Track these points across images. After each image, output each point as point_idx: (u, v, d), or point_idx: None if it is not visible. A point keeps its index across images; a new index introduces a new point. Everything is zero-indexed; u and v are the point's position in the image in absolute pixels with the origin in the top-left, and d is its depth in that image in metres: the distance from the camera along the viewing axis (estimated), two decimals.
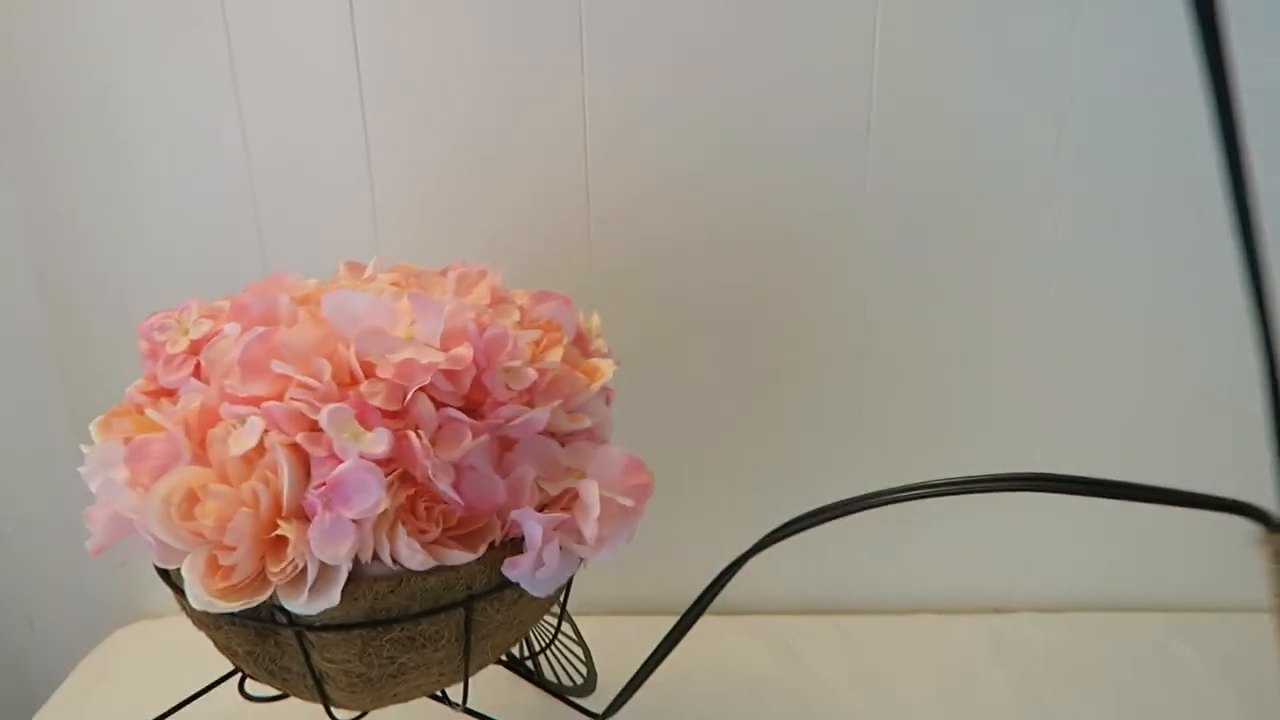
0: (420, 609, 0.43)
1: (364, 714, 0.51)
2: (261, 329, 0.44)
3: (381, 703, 0.48)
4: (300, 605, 0.41)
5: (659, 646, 0.44)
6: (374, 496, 0.40)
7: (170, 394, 0.49)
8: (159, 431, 0.45)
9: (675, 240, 0.74)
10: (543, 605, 0.49)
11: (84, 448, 0.47)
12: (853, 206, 0.71)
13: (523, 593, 0.46)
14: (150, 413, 0.44)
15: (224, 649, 0.47)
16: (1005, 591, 0.85)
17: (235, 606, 0.40)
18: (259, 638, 0.45)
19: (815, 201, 0.72)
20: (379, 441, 0.40)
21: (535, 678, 0.72)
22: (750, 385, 0.77)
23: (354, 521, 0.40)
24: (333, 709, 0.47)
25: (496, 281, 0.52)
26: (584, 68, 0.69)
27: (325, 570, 0.41)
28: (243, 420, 0.42)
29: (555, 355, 0.47)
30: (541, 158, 0.72)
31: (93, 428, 0.50)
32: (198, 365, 0.48)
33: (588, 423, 0.47)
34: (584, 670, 0.72)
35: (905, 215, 0.72)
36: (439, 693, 0.52)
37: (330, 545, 0.40)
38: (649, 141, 0.71)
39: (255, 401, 0.43)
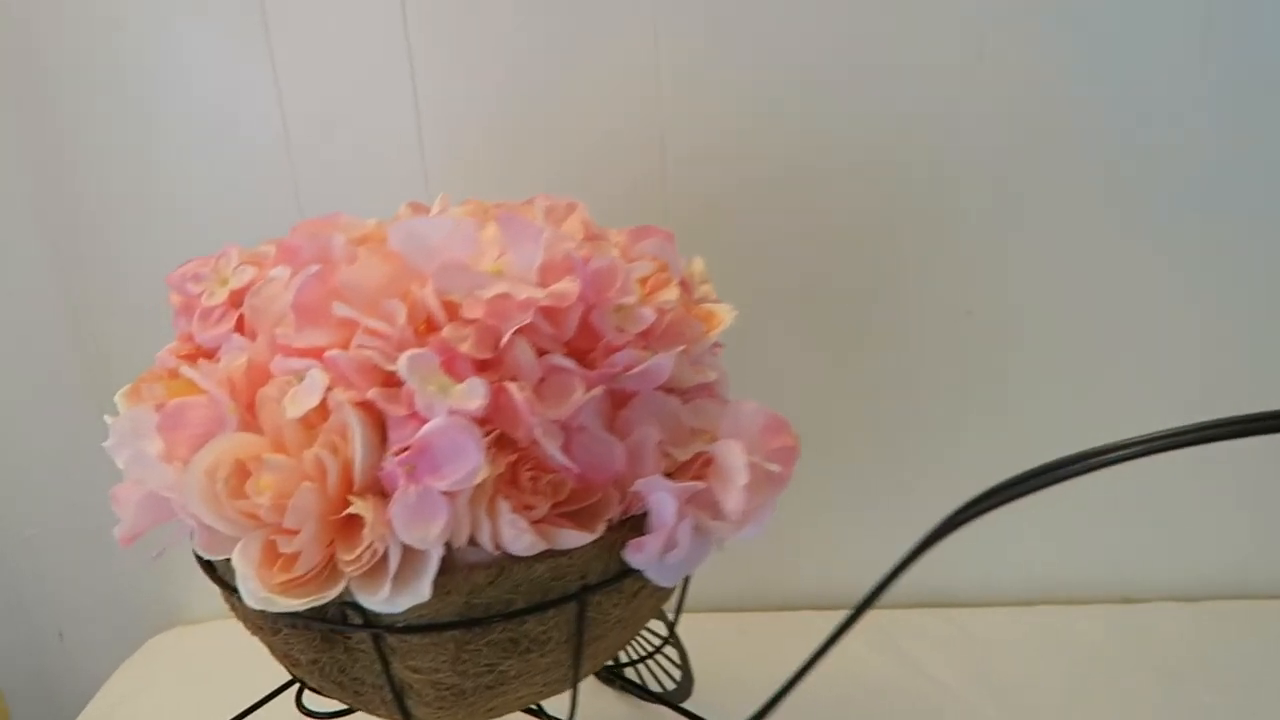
0: (525, 604, 0.35)
1: None
2: (317, 267, 0.36)
3: (477, 717, 0.39)
4: (380, 602, 0.32)
5: (823, 644, 0.36)
6: (471, 462, 0.31)
7: (209, 354, 0.41)
8: (197, 395, 0.37)
9: (757, 182, 0.65)
10: (662, 599, 0.41)
11: (108, 418, 0.39)
12: (954, 143, 0.62)
13: (644, 583, 0.38)
14: (186, 370, 0.36)
15: (282, 656, 0.39)
16: (1132, 579, 0.76)
17: (299, 604, 0.32)
18: (325, 643, 0.37)
19: (911, 139, 0.63)
20: (473, 394, 0.32)
21: (626, 684, 0.64)
22: (840, 344, 0.68)
23: (446, 495, 0.32)
24: None
25: (587, 215, 0.43)
26: None
27: (411, 557, 0.33)
28: (300, 376, 0.34)
29: (670, 293, 0.39)
30: (610, 97, 0.63)
31: (118, 398, 0.42)
32: (240, 319, 0.40)
33: (712, 375, 0.39)
34: (677, 675, 0.64)
35: (1017, 152, 0.62)
36: (534, 706, 0.43)
37: (418, 525, 0.32)
38: (728, 77, 0.63)
39: (315, 353, 0.35)
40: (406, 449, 0.32)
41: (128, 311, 0.70)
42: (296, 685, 0.48)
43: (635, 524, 0.37)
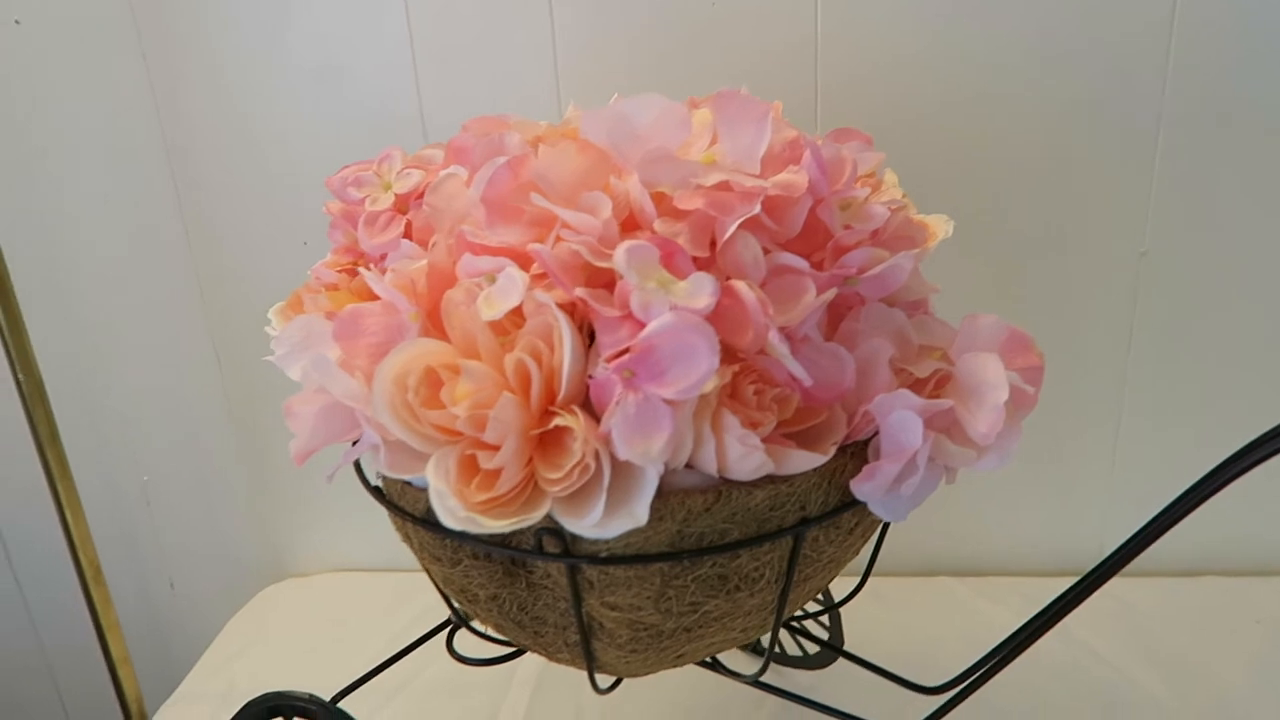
0: (741, 535, 0.31)
1: (619, 681, 0.39)
2: (506, 158, 0.32)
3: (660, 665, 0.36)
4: (589, 526, 0.29)
5: (1053, 607, 0.31)
6: (703, 366, 0.27)
7: (373, 264, 0.38)
8: (371, 303, 0.33)
9: (911, 114, 0.60)
10: (865, 539, 0.37)
11: (270, 329, 0.36)
12: (1130, 74, 0.56)
13: (861, 519, 0.34)
14: (364, 273, 0.33)
15: (458, 591, 0.35)
16: None
17: (503, 526, 0.28)
18: (508, 577, 0.34)
19: (1080, 74, 0.57)
20: (700, 290, 0.28)
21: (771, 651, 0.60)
22: (1004, 283, 0.63)
23: (669, 405, 0.28)
24: (595, 676, 0.36)
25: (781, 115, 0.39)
26: None
27: (623, 478, 0.29)
28: (492, 277, 0.31)
29: (894, 192, 0.34)
30: (762, 17, 0.59)
31: (273, 313, 0.39)
32: (408, 225, 0.37)
33: (938, 287, 0.34)
34: (822, 638, 0.60)
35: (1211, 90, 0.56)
36: (710, 659, 0.40)
37: (639, 438, 0.28)
38: (884, 2, 0.58)
39: (508, 253, 0.31)
40: (624, 352, 0.28)
41: (245, 246, 0.68)
42: (449, 628, 0.45)
43: (858, 451, 0.32)
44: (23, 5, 0.62)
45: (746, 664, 0.63)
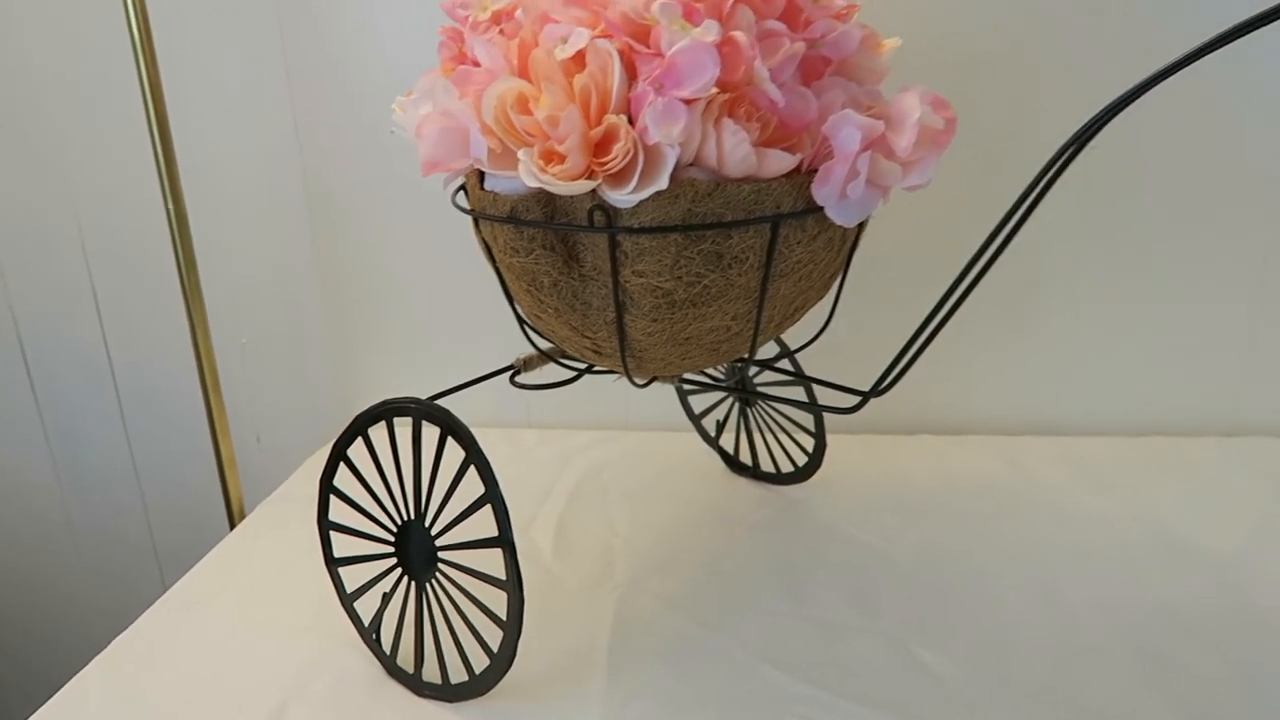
0: (733, 218, 0.44)
1: (651, 381, 0.52)
2: None
3: (675, 348, 0.49)
4: (627, 193, 0.42)
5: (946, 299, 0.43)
6: (709, 73, 0.41)
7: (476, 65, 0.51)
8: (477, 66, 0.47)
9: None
10: (832, 263, 0.50)
11: (398, 100, 0.50)
12: None
13: (823, 228, 0.47)
14: (477, 48, 0.47)
15: (530, 282, 0.49)
16: (1234, 413, 0.81)
17: (570, 187, 0.42)
18: (566, 266, 0.47)
19: None
20: (709, 30, 0.41)
21: (749, 469, 0.73)
22: (972, 172, 0.75)
23: (685, 103, 0.41)
24: (628, 365, 0.49)
25: None
26: None
27: (653, 159, 0.42)
28: (566, 38, 0.44)
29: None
30: None
31: (396, 103, 0.53)
32: (501, 33, 0.51)
33: (888, 70, 0.48)
34: (809, 453, 0.72)
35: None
36: (715, 374, 0.52)
37: (664, 124, 0.41)
38: None
39: (579, 23, 0.45)
40: (658, 70, 0.41)
41: (339, 149, 0.82)
42: (510, 371, 0.58)
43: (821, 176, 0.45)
44: None
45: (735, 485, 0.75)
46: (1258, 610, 0.58)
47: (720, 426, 0.78)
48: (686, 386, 0.76)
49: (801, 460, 0.74)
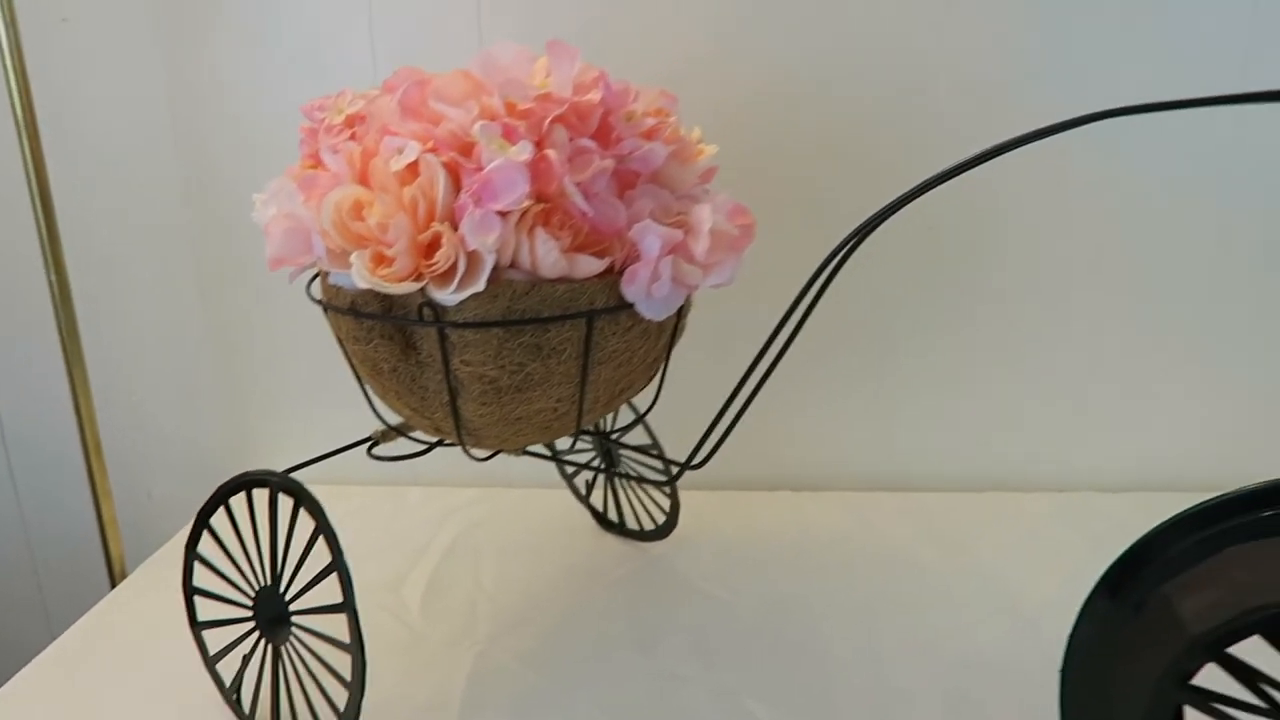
0: (549, 314, 0.49)
1: (494, 454, 0.57)
2: (418, 80, 0.51)
3: (507, 427, 0.53)
4: (450, 294, 0.47)
5: (742, 382, 0.49)
6: (520, 189, 0.46)
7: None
8: (324, 170, 0.52)
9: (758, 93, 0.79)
10: (652, 350, 0.55)
11: (256, 196, 0.54)
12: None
13: (636, 321, 0.52)
14: (325, 154, 0.51)
15: (371, 369, 0.53)
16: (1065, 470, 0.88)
17: (396, 288, 0.46)
18: (403, 353, 0.51)
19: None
20: (523, 150, 0.47)
21: (615, 526, 0.77)
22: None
23: (500, 215, 0.46)
24: (465, 442, 0.53)
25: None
26: None
27: (473, 263, 0.47)
28: (401, 149, 0.49)
29: (671, 118, 0.53)
30: None
31: (255, 197, 0.57)
32: (353, 136, 0.55)
33: (698, 180, 0.53)
34: (666, 511, 0.77)
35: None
36: (550, 451, 0.57)
37: (481, 233, 0.46)
38: None
39: (412, 137, 0.49)
40: (476, 184, 0.46)
41: (228, 210, 0.86)
42: (369, 443, 0.62)
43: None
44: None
45: (602, 541, 0.79)
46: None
47: (590, 485, 0.82)
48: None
49: (661, 519, 0.78)
